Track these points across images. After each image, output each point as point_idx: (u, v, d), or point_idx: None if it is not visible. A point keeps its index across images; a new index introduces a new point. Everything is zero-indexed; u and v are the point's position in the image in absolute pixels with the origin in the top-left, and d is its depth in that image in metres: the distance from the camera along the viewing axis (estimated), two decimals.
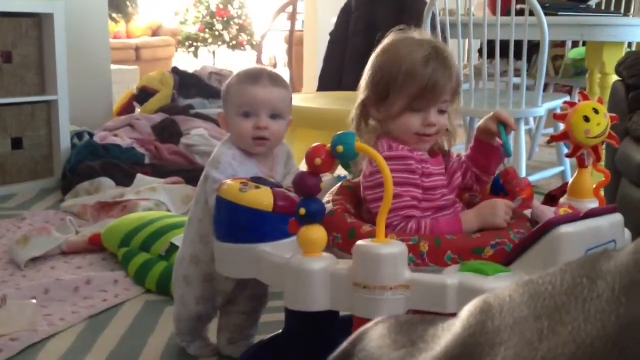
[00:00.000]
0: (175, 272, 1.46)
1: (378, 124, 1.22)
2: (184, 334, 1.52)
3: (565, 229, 0.98)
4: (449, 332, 0.34)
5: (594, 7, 3.61)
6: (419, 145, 1.19)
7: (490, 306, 0.33)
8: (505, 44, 2.59)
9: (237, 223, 1.13)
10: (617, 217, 1.07)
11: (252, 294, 1.48)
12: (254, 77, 1.35)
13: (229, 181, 1.17)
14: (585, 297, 0.31)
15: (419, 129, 1.17)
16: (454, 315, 0.37)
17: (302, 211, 1.00)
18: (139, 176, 2.82)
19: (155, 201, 2.53)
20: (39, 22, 3.02)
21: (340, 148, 0.99)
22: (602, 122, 1.19)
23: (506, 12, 2.73)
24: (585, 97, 1.24)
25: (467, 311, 0.35)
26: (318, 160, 1.00)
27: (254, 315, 1.52)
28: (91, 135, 3.32)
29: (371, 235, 1.03)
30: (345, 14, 4.11)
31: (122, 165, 2.94)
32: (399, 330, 0.37)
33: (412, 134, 1.18)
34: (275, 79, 1.36)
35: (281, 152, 1.42)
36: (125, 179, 2.83)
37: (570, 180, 1.26)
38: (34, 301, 1.72)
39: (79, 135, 3.26)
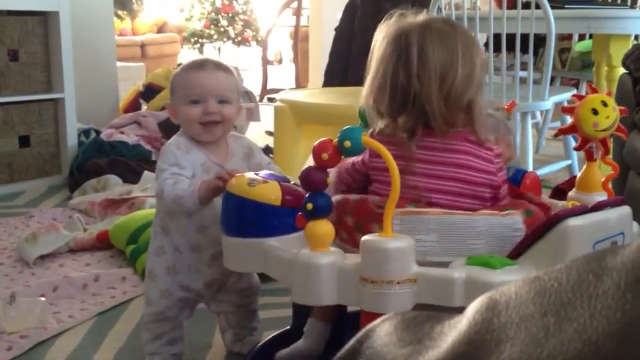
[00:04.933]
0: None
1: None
2: (148, 341, 1.40)
3: (573, 221, 0.98)
4: (454, 329, 0.34)
5: None
6: None
7: (496, 303, 0.33)
8: (511, 38, 2.58)
9: (245, 217, 1.13)
10: (625, 209, 1.07)
11: (235, 288, 1.41)
12: (198, 64, 1.34)
13: (237, 175, 1.17)
14: (590, 294, 0.31)
15: None
16: (460, 309, 0.37)
17: (309, 206, 1.00)
18: (146, 173, 2.82)
19: None
20: (45, 20, 3.02)
21: (347, 143, 0.99)
22: (610, 114, 1.18)
23: (512, 5, 2.72)
24: (594, 90, 1.23)
25: (472, 308, 0.35)
26: (325, 155, 1.00)
27: (248, 307, 1.46)
28: (98, 132, 3.33)
29: None
30: (350, 9, 4.10)
31: (128, 162, 2.94)
32: (405, 327, 0.37)
33: None
34: (220, 65, 1.35)
35: (239, 145, 1.38)
36: (132, 176, 2.84)
37: (579, 174, 1.25)
38: (43, 298, 1.73)
39: (85, 132, 3.27)
